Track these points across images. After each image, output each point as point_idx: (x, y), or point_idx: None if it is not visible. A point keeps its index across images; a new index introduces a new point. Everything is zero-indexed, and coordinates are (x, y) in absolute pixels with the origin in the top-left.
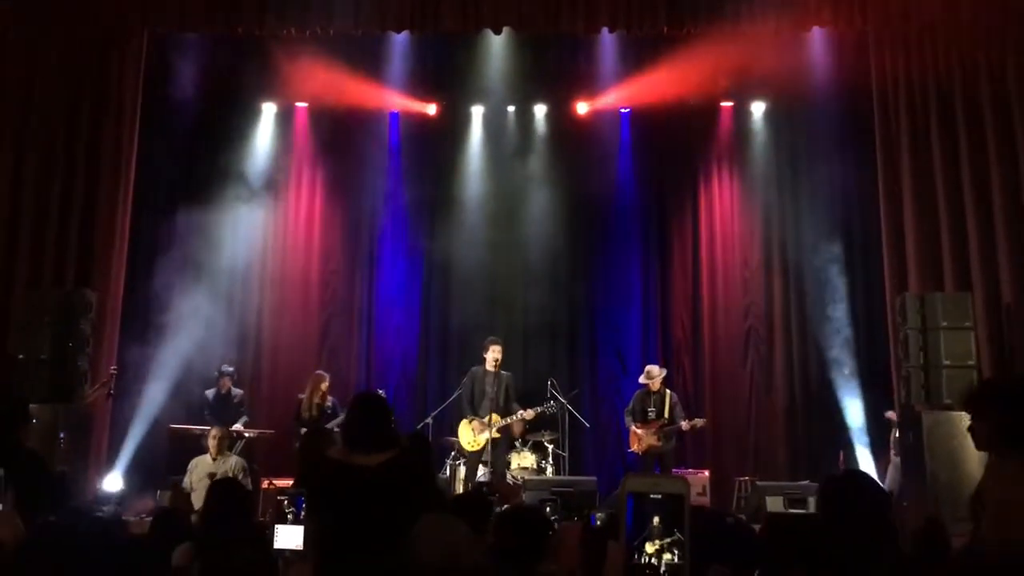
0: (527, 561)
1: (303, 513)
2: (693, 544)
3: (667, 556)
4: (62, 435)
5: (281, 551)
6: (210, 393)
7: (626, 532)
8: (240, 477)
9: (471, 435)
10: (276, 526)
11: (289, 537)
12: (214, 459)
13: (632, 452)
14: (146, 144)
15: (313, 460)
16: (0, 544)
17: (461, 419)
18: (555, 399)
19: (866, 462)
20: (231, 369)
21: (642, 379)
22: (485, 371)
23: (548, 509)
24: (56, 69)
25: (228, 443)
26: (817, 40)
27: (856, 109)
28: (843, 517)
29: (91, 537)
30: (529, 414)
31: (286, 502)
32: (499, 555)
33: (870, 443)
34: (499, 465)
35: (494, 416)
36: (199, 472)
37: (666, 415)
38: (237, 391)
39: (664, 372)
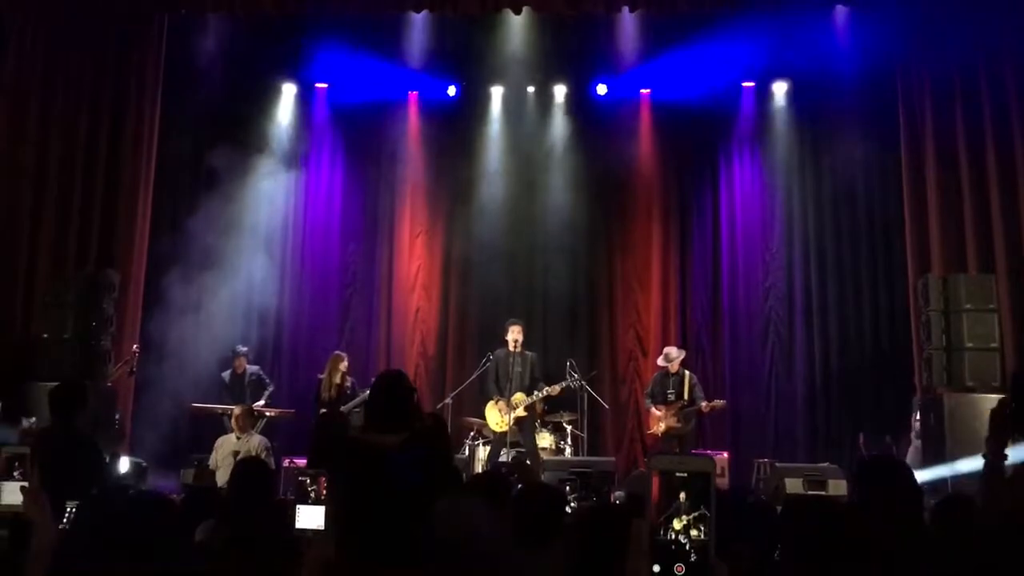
0: (544, 539)
1: (324, 493)
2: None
3: (693, 532)
4: (118, 416)
5: (303, 531)
6: (226, 374)
7: (652, 509)
8: (263, 456)
9: (498, 416)
10: (298, 506)
11: (311, 517)
12: (238, 438)
13: (651, 433)
14: (167, 125)
15: (330, 440)
16: (29, 521)
17: (487, 402)
18: (575, 379)
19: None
20: (245, 349)
21: (660, 361)
22: (508, 352)
23: (567, 489)
24: (78, 51)
25: (251, 421)
26: (840, 20)
27: (879, 90)
28: (877, 500)
29: (143, 511)
30: (555, 389)
31: (308, 481)
32: (516, 533)
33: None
34: (530, 444)
35: (518, 395)
36: (224, 451)
37: (686, 396)
38: (252, 368)
39: (683, 354)
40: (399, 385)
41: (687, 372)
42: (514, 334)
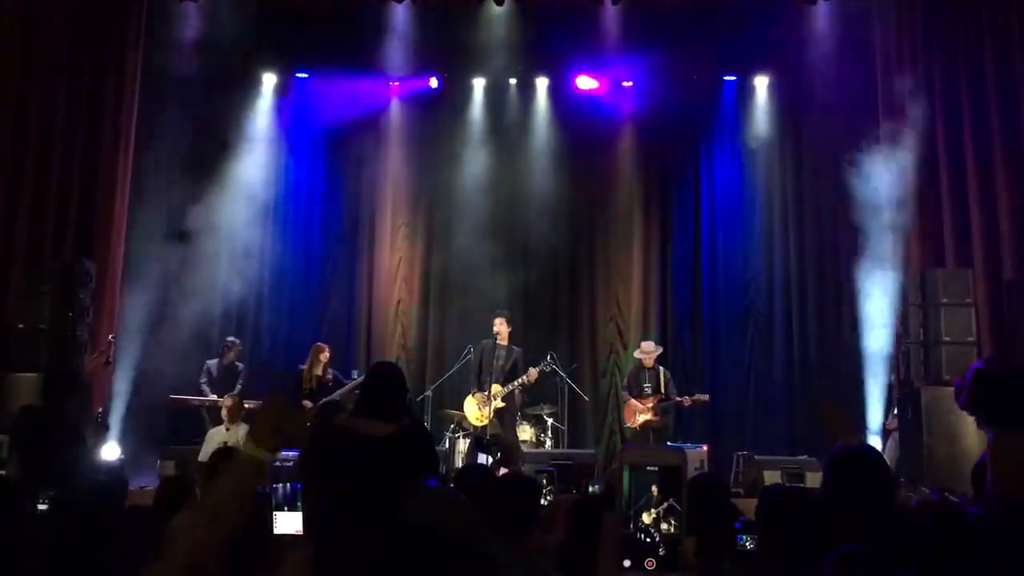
0: (520, 530)
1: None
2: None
3: (664, 525)
4: (100, 409)
5: (280, 536)
6: (213, 364)
7: (623, 502)
8: None
9: (476, 410)
10: (275, 513)
11: (288, 523)
12: (228, 429)
13: (629, 427)
14: (146, 113)
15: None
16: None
17: (467, 394)
18: (555, 372)
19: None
20: (238, 341)
21: (637, 354)
22: (495, 344)
23: (545, 480)
24: (56, 36)
25: (240, 412)
26: (822, 13)
27: (859, 83)
28: (849, 490)
29: (95, 506)
30: (533, 374)
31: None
32: (491, 524)
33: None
34: (510, 437)
35: (495, 387)
36: (215, 443)
37: (662, 391)
38: (239, 364)
39: (659, 349)
40: (391, 377)
41: (661, 368)
42: (496, 326)
